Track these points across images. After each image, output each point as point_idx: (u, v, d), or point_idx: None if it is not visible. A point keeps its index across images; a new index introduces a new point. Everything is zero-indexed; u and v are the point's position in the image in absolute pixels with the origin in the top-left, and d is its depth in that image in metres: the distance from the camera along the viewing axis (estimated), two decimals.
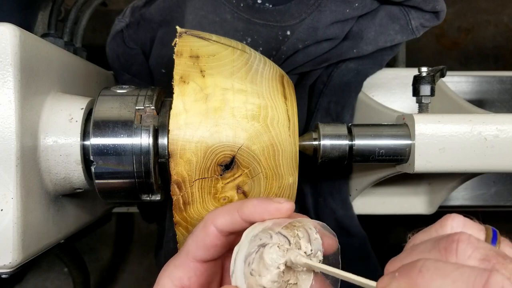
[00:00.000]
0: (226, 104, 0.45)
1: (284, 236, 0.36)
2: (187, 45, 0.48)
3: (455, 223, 0.32)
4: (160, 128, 0.49)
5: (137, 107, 0.49)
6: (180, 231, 0.47)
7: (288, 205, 0.37)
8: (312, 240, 0.37)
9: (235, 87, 0.46)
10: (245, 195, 0.46)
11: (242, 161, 0.45)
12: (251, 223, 0.37)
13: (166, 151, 0.47)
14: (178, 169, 0.44)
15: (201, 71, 0.46)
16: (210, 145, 0.44)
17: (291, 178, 0.48)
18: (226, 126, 0.45)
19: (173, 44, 0.48)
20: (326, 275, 0.38)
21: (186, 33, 0.50)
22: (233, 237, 0.40)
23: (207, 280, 0.40)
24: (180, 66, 0.46)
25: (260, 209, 0.37)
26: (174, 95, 0.45)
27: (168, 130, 0.45)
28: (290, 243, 0.36)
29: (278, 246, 0.35)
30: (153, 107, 0.49)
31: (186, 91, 0.45)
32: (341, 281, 0.36)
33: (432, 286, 0.27)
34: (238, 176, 0.45)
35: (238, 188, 0.46)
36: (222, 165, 0.45)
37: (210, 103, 0.45)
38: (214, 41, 0.50)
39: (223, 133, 0.45)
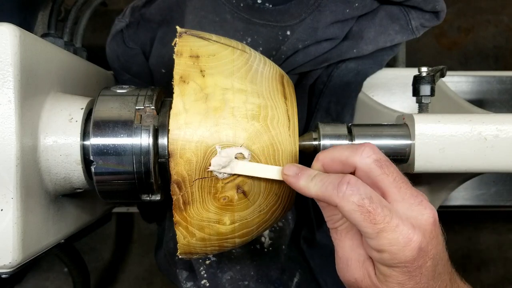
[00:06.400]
0: (226, 104, 0.45)
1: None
2: (187, 45, 0.48)
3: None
4: (160, 128, 0.49)
5: (137, 107, 0.49)
6: (180, 230, 0.47)
7: None
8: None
9: (235, 87, 0.46)
10: (245, 194, 0.46)
11: None
12: None
13: (166, 151, 0.47)
14: (178, 168, 0.44)
15: (201, 71, 0.46)
16: (210, 145, 0.44)
17: None
18: (226, 125, 0.45)
19: (173, 44, 0.48)
20: None
21: (186, 33, 0.50)
22: None
23: None
24: (180, 66, 0.46)
25: None
26: (174, 95, 0.45)
27: (168, 130, 0.45)
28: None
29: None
30: (153, 107, 0.49)
31: (186, 91, 0.45)
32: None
33: (324, 153, 0.43)
34: (238, 176, 0.45)
35: (238, 187, 0.46)
36: None
37: (210, 102, 0.45)
38: (214, 41, 0.50)
39: (223, 133, 0.45)
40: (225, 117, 0.45)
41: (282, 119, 0.47)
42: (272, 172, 0.45)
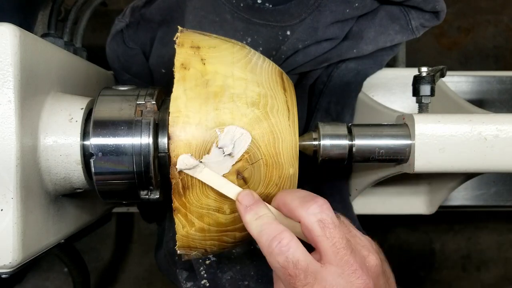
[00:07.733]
0: (226, 90, 0.45)
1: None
2: (189, 37, 0.48)
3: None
4: (160, 123, 0.49)
5: (138, 102, 0.49)
6: (179, 218, 0.47)
7: None
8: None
9: (235, 75, 0.46)
10: (245, 181, 0.46)
11: None
12: None
13: (166, 146, 0.47)
14: (178, 151, 0.44)
15: (202, 59, 0.46)
16: (209, 128, 0.44)
17: (291, 169, 0.47)
18: (226, 110, 0.45)
19: (174, 39, 0.48)
20: None
21: (187, 30, 0.50)
22: None
23: None
24: (181, 55, 0.46)
25: None
26: (175, 80, 0.45)
27: (169, 113, 0.45)
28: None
29: None
30: (153, 102, 0.49)
31: (187, 77, 0.45)
32: None
33: (283, 194, 0.43)
34: (237, 161, 0.45)
35: (238, 173, 0.45)
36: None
37: (211, 88, 0.45)
38: (214, 37, 0.50)
39: (223, 117, 0.45)
40: (225, 102, 0.45)
41: (281, 109, 0.47)
42: (231, 191, 0.44)
